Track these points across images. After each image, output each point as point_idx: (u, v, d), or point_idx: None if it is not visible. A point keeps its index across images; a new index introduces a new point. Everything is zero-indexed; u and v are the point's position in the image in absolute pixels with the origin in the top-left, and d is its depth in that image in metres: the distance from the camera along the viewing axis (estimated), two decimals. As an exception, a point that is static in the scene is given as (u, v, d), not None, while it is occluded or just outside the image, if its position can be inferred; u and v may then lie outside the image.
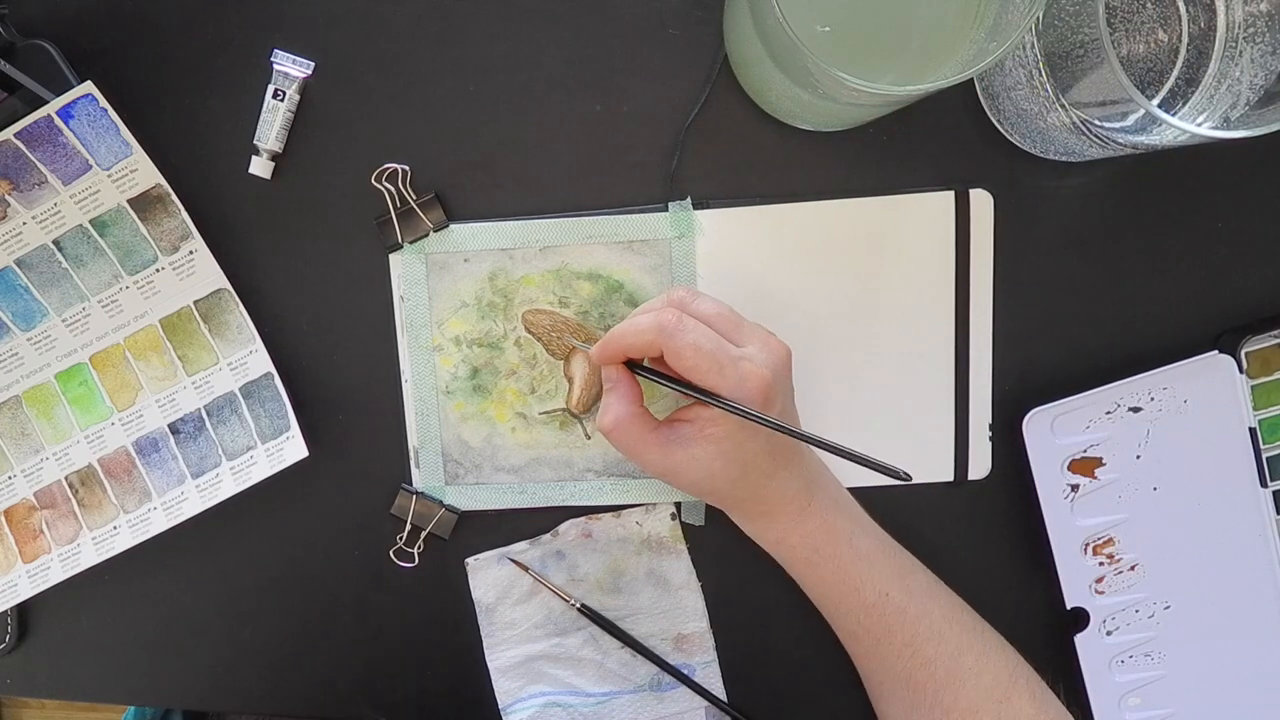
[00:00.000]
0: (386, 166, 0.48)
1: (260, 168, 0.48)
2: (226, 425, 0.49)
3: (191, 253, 0.48)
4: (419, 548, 0.50)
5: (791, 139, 0.48)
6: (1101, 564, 0.48)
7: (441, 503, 0.50)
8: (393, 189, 0.48)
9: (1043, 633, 0.49)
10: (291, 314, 0.50)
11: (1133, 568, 0.48)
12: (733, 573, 0.50)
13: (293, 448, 0.48)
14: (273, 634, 0.52)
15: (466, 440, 0.50)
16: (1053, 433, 0.47)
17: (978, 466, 0.49)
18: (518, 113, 0.48)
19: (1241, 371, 0.47)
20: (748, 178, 0.48)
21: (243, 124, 0.48)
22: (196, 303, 0.49)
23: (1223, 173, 0.47)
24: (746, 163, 0.48)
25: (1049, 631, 0.49)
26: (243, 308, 0.48)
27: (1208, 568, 0.48)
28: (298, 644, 0.52)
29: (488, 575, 0.50)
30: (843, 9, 0.39)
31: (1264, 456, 0.47)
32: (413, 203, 0.48)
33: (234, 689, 0.52)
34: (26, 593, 0.50)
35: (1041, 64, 0.40)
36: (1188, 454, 0.47)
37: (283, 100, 0.47)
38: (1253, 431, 0.47)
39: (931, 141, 0.47)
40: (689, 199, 0.48)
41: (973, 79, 0.46)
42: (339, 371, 0.50)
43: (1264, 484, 0.47)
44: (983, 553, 0.50)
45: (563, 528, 0.50)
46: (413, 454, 0.50)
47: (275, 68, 0.47)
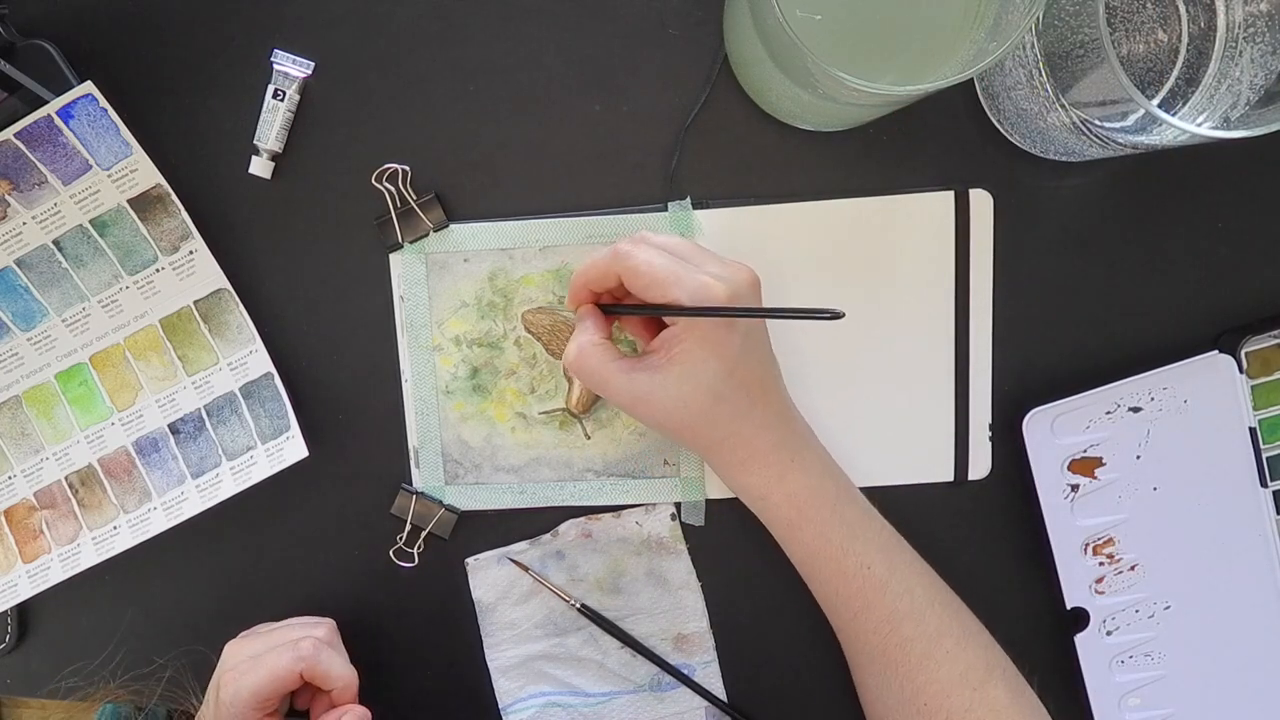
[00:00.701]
0: (386, 166, 0.48)
1: (260, 168, 0.48)
2: (226, 425, 0.49)
3: (191, 253, 0.48)
4: (419, 548, 0.50)
5: (791, 139, 0.48)
6: (1101, 564, 0.48)
7: (441, 503, 0.50)
8: (393, 189, 0.48)
9: (1043, 633, 0.49)
10: (291, 314, 0.50)
11: (1133, 568, 0.48)
12: (733, 573, 0.50)
13: (293, 448, 0.48)
14: (273, 634, 0.52)
15: (466, 440, 0.50)
16: (1053, 433, 0.47)
17: (978, 466, 0.49)
18: (518, 113, 0.48)
19: (1241, 371, 0.47)
20: (747, 178, 0.48)
21: (243, 124, 0.48)
22: (196, 303, 0.49)
23: (1223, 173, 0.47)
24: (746, 163, 0.48)
25: (1049, 631, 0.49)
26: (243, 308, 0.48)
27: (1208, 568, 0.48)
28: (298, 644, 0.52)
29: (488, 575, 0.50)
30: (843, 9, 0.39)
31: (1264, 456, 0.47)
32: (413, 203, 0.48)
33: (234, 689, 0.52)
34: (26, 593, 0.50)
35: (1041, 64, 0.40)
36: (1188, 454, 0.47)
37: (283, 100, 0.47)
38: (1253, 431, 0.47)
39: (931, 141, 0.47)
40: (689, 199, 0.48)
41: (973, 79, 0.46)
42: (339, 371, 0.50)
43: (1264, 484, 0.47)
44: (983, 553, 0.50)
45: (563, 528, 0.50)
46: (413, 454, 0.50)
47: (275, 68, 0.47)
